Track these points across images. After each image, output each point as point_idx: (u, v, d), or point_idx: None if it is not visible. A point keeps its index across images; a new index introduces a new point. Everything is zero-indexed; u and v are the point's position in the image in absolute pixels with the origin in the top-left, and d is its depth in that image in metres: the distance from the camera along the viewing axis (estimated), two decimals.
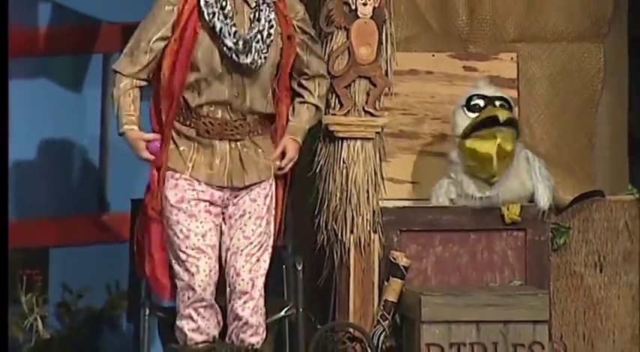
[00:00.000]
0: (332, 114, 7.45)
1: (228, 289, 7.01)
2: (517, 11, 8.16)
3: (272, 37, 6.89)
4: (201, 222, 6.94)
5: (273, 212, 7.07)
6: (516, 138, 7.54)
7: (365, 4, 7.44)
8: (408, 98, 7.88)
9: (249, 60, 6.83)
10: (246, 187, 6.97)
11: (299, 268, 7.37)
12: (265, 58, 6.87)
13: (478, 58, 8.02)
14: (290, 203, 7.34)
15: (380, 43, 7.46)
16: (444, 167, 7.75)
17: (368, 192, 7.48)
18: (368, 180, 7.48)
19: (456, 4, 8.10)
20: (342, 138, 7.47)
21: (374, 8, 7.44)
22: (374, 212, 7.49)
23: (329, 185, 7.50)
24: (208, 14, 6.83)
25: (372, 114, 7.48)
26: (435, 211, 7.63)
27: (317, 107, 7.12)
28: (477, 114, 7.53)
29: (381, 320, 7.45)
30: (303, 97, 7.10)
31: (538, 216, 7.64)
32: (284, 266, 7.45)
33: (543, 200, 7.63)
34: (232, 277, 7.00)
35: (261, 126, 7.01)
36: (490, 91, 7.60)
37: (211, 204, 6.96)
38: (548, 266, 7.70)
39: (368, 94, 7.48)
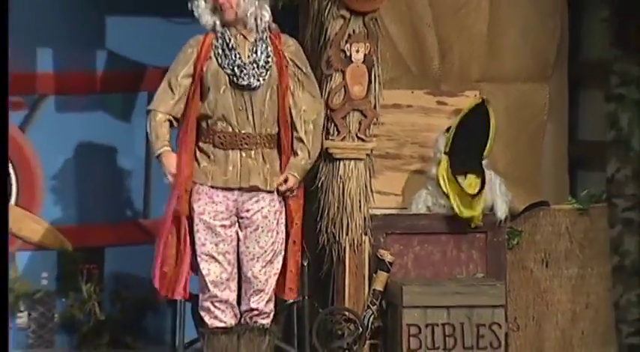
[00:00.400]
0: (331, 140, 7.36)
1: (244, 284, 6.95)
2: (479, 58, 8.03)
3: (269, 65, 6.86)
4: (215, 234, 6.87)
5: (283, 223, 6.98)
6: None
7: (357, 52, 7.36)
8: (392, 127, 7.78)
9: (245, 82, 6.81)
10: (253, 191, 6.87)
11: (305, 264, 7.27)
12: (262, 80, 6.83)
13: (448, 94, 7.92)
14: None
15: (369, 82, 7.39)
16: (421, 182, 7.65)
17: (360, 202, 7.39)
18: (360, 193, 7.40)
19: (430, 52, 7.97)
20: (339, 159, 7.38)
21: (365, 55, 7.37)
22: (365, 218, 7.39)
23: (328, 196, 7.40)
24: (215, 48, 6.80)
25: (363, 140, 7.39)
26: (413, 218, 7.54)
27: (306, 146, 7.03)
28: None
29: (370, 306, 7.34)
30: (297, 132, 7.00)
31: (496, 223, 7.52)
32: None
33: (501, 211, 7.54)
34: (250, 278, 6.95)
35: (268, 141, 6.94)
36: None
37: (228, 217, 6.87)
38: (504, 262, 7.60)
39: (360, 124, 7.39)
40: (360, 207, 7.37)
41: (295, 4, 7.86)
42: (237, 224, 6.94)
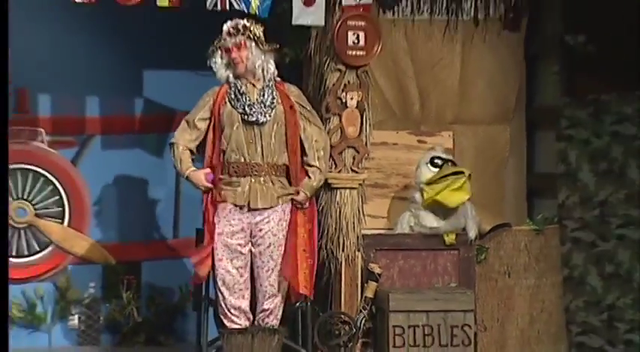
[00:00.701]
0: (330, 172, 7.31)
1: (259, 290, 6.89)
2: (452, 104, 8.00)
3: (274, 104, 6.83)
4: (231, 251, 6.81)
5: (285, 236, 6.90)
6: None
7: (352, 99, 7.36)
8: (380, 161, 7.74)
9: (254, 118, 6.77)
10: (267, 210, 6.80)
11: None
12: (268, 117, 6.79)
13: (427, 134, 7.88)
14: None
15: (362, 124, 7.37)
16: (404, 206, 7.61)
17: (353, 223, 7.37)
18: (353, 216, 7.37)
19: (412, 99, 7.95)
20: (336, 188, 7.36)
21: (357, 101, 7.36)
22: (357, 237, 7.37)
23: (327, 219, 7.37)
24: (229, 94, 6.80)
25: (356, 172, 7.37)
26: (398, 237, 7.51)
27: (319, 169, 6.97)
28: (437, 168, 7.42)
29: (362, 310, 7.30)
30: (311, 159, 6.96)
31: (467, 241, 7.49)
32: None
33: (471, 232, 7.49)
34: (265, 286, 6.89)
35: (276, 170, 6.88)
36: (445, 156, 7.51)
37: (243, 236, 6.82)
38: (473, 274, 7.55)
39: (353, 158, 7.38)
40: (353, 227, 7.35)
41: (300, 59, 7.87)
42: (250, 244, 6.90)
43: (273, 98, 6.84)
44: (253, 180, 6.82)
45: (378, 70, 7.69)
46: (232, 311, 6.83)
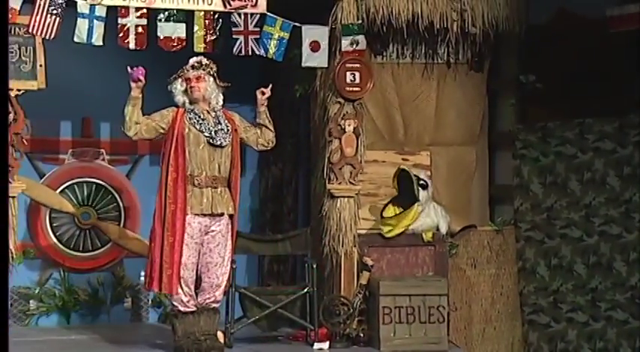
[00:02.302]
0: (331, 184, 7.27)
1: (207, 281, 6.75)
2: (429, 129, 7.91)
3: (229, 130, 6.73)
4: (189, 249, 6.66)
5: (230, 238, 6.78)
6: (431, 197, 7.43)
7: (349, 125, 7.31)
8: (372, 175, 7.61)
9: (218, 142, 6.67)
10: (219, 215, 6.68)
11: (314, 266, 7.16)
12: (227, 141, 6.70)
13: (409, 153, 7.77)
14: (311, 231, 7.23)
15: (357, 146, 7.31)
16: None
17: (351, 225, 7.28)
18: (351, 219, 7.29)
19: (397, 125, 7.87)
20: (337, 196, 7.29)
21: (354, 127, 7.31)
22: (354, 236, 7.28)
23: (330, 221, 7.29)
24: (191, 119, 6.68)
25: (352, 184, 7.31)
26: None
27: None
28: (425, 190, 7.36)
29: (358, 294, 7.20)
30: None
31: (441, 238, 7.40)
32: (306, 265, 7.25)
33: (443, 228, 7.43)
34: (212, 278, 6.76)
35: (226, 182, 6.76)
36: (420, 175, 7.42)
37: (199, 235, 6.66)
38: (446, 265, 7.46)
39: (350, 173, 7.32)
40: (350, 228, 7.26)
41: (308, 94, 7.79)
42: (201, 242, 6.71)
43: (227, 125, 6.74)
44: (212, 191, 6.69)
45: (370, 102, 7.62)
46: (186, 293, 6.73)
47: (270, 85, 6.84)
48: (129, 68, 6.55)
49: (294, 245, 7.26)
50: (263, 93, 6.82)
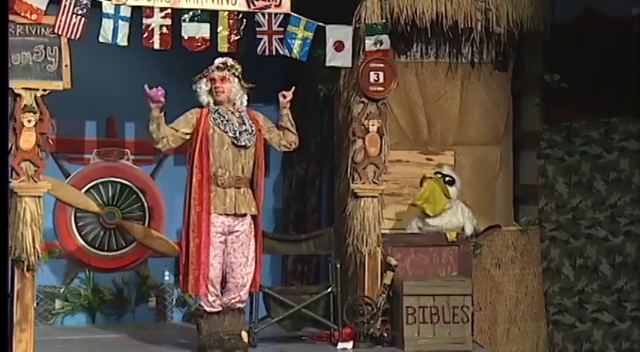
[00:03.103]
0: (355, 183, 7.24)
1: (230, 283, 6.76)
2: (453, 129, 7.91)
3: (253, 131, 6.73)
4: (214, 249, 6.67)
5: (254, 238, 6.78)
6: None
7: (373, 125, 7.27)
8: (396, 175, 7.65)
9: (243, 143, 6.68)
10: (242, 215, 6.68)
11: (338, 266, 7.18)
12: (252, 142, 6.71)
13: (433, 153, 7.81)
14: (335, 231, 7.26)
15: (381, 145, 7.28)
16: (415, 211, 7.52)
17: (374, 225, 7.25)
18: (374, 219, 7.26)
19: (421, 125, 7.88)
20: (361, 196, 7.26)
21: (378, 127, 7.28)
22: (377, 236, 7.25)
23: (354, 221, 7.26)
24: (215, 119, 6.69)
25: (376, 183, 7.28)
26: (410, 235, 7.45)
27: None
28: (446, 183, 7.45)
29: (382, 294, 7.19)
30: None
31: (465, 238, 7.40)
32: (330, 265, 7.27)
33: (468, 229, 7.45)
34: (236, 278, 6.75)
35: (249, 182, 6.76)
36: (446, 171, 7.46)
37: (222, 234, 6.66)
38: (471, 265, 7.45)
39: (374, 173, 7.29)
40: (374, 228, 7.23)
41: (332, 94, 7.79)
42: (225, 241, 6.73)
43: (252, 126, 6.74)
44: (235, 191, 6.69)
45: (393, 102, 7.61)
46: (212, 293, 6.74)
47: (293, 88, 6.85)
48: (147, 88, 6.56)
49: (318, 245, 7.26)
50: (285, 97, 6.82)
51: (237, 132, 6.67)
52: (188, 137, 6.70)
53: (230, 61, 6.75)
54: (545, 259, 8.03)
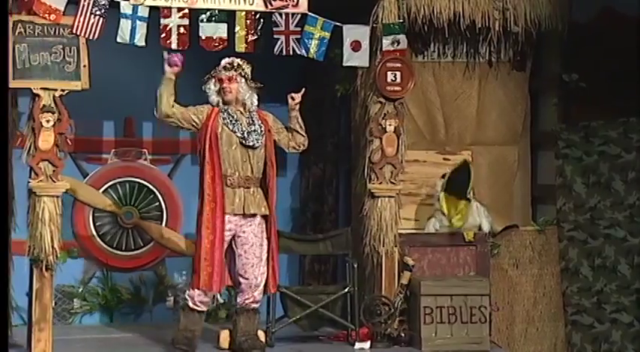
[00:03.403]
0: (372, 184, 7.23)
1: (243, 284, 6.75)
2: (471, 129, 7.89)
3: (262, 131, 6.73)
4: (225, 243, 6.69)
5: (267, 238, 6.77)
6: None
7: (390, 125, 7.25)
8: (413, 175, 7.62)
9: (251, 143, 6.67)
10: (251, 216, 6.68)
11: (355, 266, 7.17)
12: (261, 142, 6.70)
13: (450, 153, 7.77)
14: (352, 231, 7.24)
15: (398, 145, 7.27)
16: (432, 211, 7.51)
17: (391, 225, 7.24)
18: (391, 219, 7.25)
19: (438, 125, 7.85)
20: (378, 196, 7.25)
21: (395, 127, 7.26)
22: (395, 236, 7.24)
23: (371, 221, 7.25)
24: (224, 119, 6.69)
25: (393, 183, 7.27)
26: (427, 235, 7.42)
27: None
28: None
29: (399, 294, 7.18)
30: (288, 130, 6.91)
31: (482, 238, 7.38)
32: (347, 264, 7.26)
33: (485, 227, 7.43)
34: (250, 279, 6.75)
35: (259, 182, 6.75)
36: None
37: (230, 234, 6.67)
38: (488, 265, 7.42)
39: (391, 173, 7.27)
40: (391, 228, 7.22)
41: (349, 94, 7.79)
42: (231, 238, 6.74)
43: (261, 126, 6.73)
44: (245, 191, 6.69)
45: (411, 102, 7.60)
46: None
47: (303, 90, 6.84)
48: (165, 53, 6.58)
49: (335, 244, 7.26)
50: (293, 99, 6.81)
51: (246, 132, 6.67)
52: (195, 125, 6.68)
53: (237, 61, 6.75)
54: (564, 259, 8.01)
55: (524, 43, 7.66)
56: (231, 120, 6.69)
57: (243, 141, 6.66)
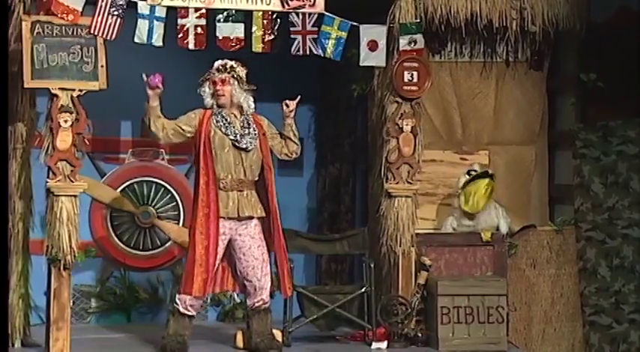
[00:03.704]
0: (389, 183, 7.22)
1: (249, 287, 6.75)
2: (488, 129, 7.90)
3: (257, 135, 6.70)
4: (220, 247, 6.67)
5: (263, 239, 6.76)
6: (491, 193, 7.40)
7: (407, 125, 7.24)
8: (430, 175, 7.65)
9: (244, 146, 6.65)
10: (247, 218, 6.66)
11: (372, 266, 7.16)
12: (253, 145, 6.67)
13: (468, 153, 7.79)
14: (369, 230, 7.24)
15: (415, 145, 7.24)
16: (449, 211, 7.54)
17: (408, 225, 7.22)
18: (408, 218, 7.23)
19: (455, 125, 7.87)
20: (395, 196, 7.24)
21: (412, 127, 7.24)
22: (412, 235, 7.22)
23: (387, 221, 7.24)
24: (217, 122, 6.67)
25: (410, 183, 7.25)
26: (444, 235, 7.43)
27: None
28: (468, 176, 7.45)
29: (416, 294, 7.17)
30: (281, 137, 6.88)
31: (500, 238, 7.37)
32: (364, 264, 7.25)
33: (503, 228, 7.42)
34: (254, 282, 6.74)
35: (253, 185, 6.73)
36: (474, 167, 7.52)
37: (223, 235, 6.65)
38: (505, 265, 7.41)
39: (408, 172, 7.26)
40: (408, 228, 7.21)
41: (365, 93, 7.79)
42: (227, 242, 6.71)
43: (255, 129, 6.72)
44: (238, 194, 6.67)
45: (428, 102, 7.60)
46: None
47: (298, 97, 6.78)
48: (144, 76, 6.57)
49: (352, 244, 7.26)
50: (288, 106, 6.79)
51: (239, 135, 6.64)
52: (189, 135, 6.68)
53: (230, 63, 6.72)
54: (581, 259, 8.00)
55: (542, 42, 7.63)
56: (224, 123, 6.66)
57: (236, 144, 6.63)
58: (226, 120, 6.67)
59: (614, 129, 7.94)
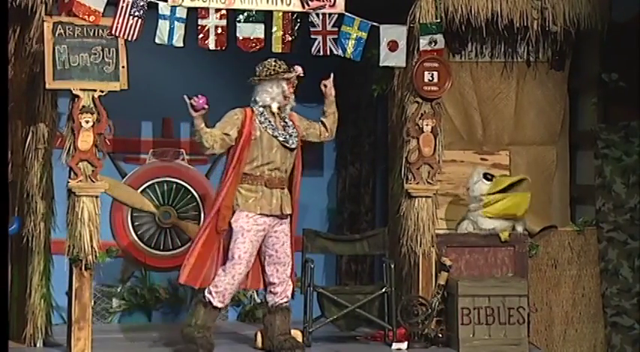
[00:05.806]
0: (409, 183, 7.24)
1: (278, 282, 6.79)
2: (508, 129, 7.88)
3: (297, 134, 6.77)
4: (253, 246, 6.70)
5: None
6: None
7: (427, 125, 7.27)
8: (450, 175, 7.63)
9: (293, 146, 6.73)
10: (285, 216, 6.73)
11: (392, 266, 7.17)
12: (296, 144, 6.75)
13: (488, 153, 7.78)
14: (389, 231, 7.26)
15: (435, 145, 7.27)
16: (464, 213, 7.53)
17: (429, 225, 7.24)
18: (428, 219, 7.25)
19: (475, 125, 7.85)
20: (415, 196, 7.26)
21: (432, 127, 7.27)
22: (432, 236, 7.25)
23: (407, 221, 7.26)
24: (262, 122, 6.70)
25: (430, 184, 7.27)
26: (465, 235, 7.40)
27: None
28: (489, 182, 7.36)
29: (436, 294, 7.18)
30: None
31: (520, 238, 7.37)
32: (384, 265, 7.26)
33: (519, 229, 7.42)
34: (282, 278, 6.80)
35: (288, 182, 6.79)
36: (493, 172, 7.49)
37: (262, 231, 6.69)
38: (526, 265, 7.41)
39: (428, 173, 7.28)
40: (428, 228, 7.23)
41: (385, 94, 7.79)
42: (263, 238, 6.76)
43: (294, 128, 6.79)
44: (279, 192, 6.72)
45: (448, 102, 7.60)
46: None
47: (332, 76, 6.82)
48: (186, 98, 6.59)
49: (372, 245, 7.28)
50: (326, 86, 6.82)
51: (287, 136, 6.72)
52: (233, 140, 6.71)
53: (299, 69, 6.78)
54: (603, 260, 7.96)
55: (563, 42, 7.63)
56: (270, 124, 6.72)
57: (286, 144, 6.71)
58: (270, 121, 6.73)
59: (636, 129, 7.90)
